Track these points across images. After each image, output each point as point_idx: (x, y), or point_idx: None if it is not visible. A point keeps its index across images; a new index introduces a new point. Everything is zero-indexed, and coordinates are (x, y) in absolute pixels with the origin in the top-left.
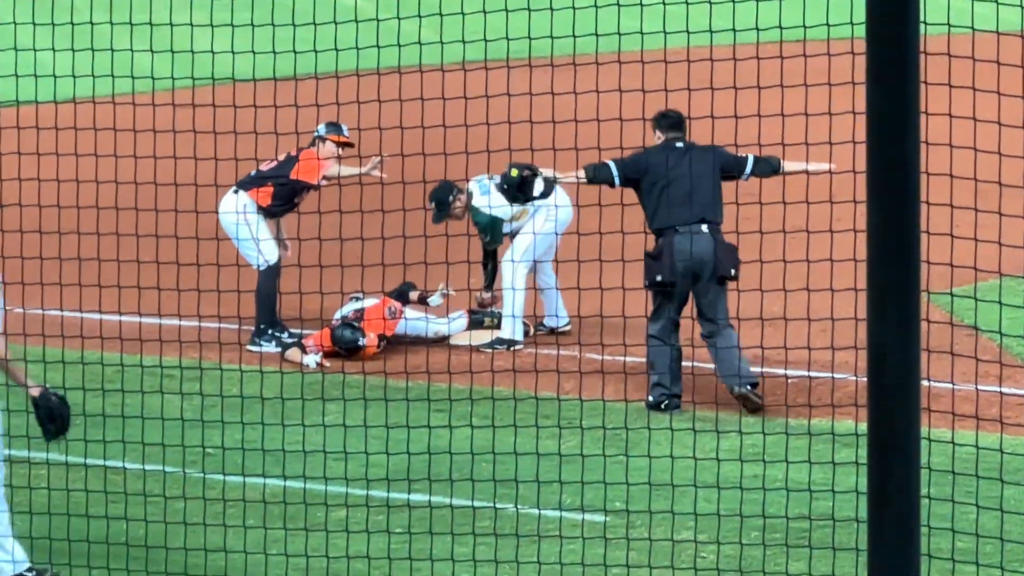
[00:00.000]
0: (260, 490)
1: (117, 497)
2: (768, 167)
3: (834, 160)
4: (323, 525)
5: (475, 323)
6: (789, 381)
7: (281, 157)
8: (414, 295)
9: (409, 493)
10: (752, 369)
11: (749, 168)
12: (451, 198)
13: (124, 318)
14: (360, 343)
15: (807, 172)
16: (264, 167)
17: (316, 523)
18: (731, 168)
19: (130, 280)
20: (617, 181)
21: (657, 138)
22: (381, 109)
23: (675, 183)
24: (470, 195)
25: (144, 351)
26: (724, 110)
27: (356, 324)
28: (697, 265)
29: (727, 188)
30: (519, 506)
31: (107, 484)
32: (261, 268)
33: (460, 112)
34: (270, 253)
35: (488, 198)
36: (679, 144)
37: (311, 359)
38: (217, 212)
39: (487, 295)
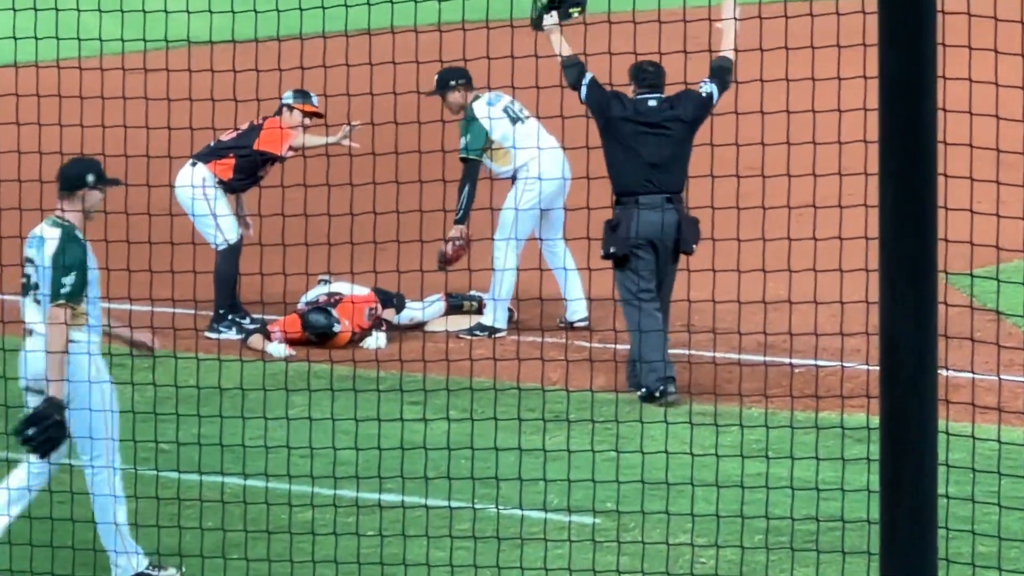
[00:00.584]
0: (218, 489)
1: (63, 497)
2: (728, 75)
3: (844, 129)
4: (287, 527)
5: (453, 308)
6: (795, 370)
7: (243, 126)
8: (389, 313)
9: (380, 493)
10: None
11: (716, 98)
12: (454, 83)
13: None
14: (335, 329)
15: (736, 29)
16: (224, 137)
17: (279, 525)
18: (704, 111)
19: None
20: (582, 97)
21: (633, 92)
22: (349, 74)
23: (640, 147)
24: (476, 98)
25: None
26: None
27: (330, 309)
28: (656, 238)
29: (726, 161)
30: (500, 507)
31: (52, 483)
32: (220, 247)
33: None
34: (229, 231)
35: (488, 110)
36: (652, 102)
37: (275, 347)
38: (172, 186)
39: (461, 227)
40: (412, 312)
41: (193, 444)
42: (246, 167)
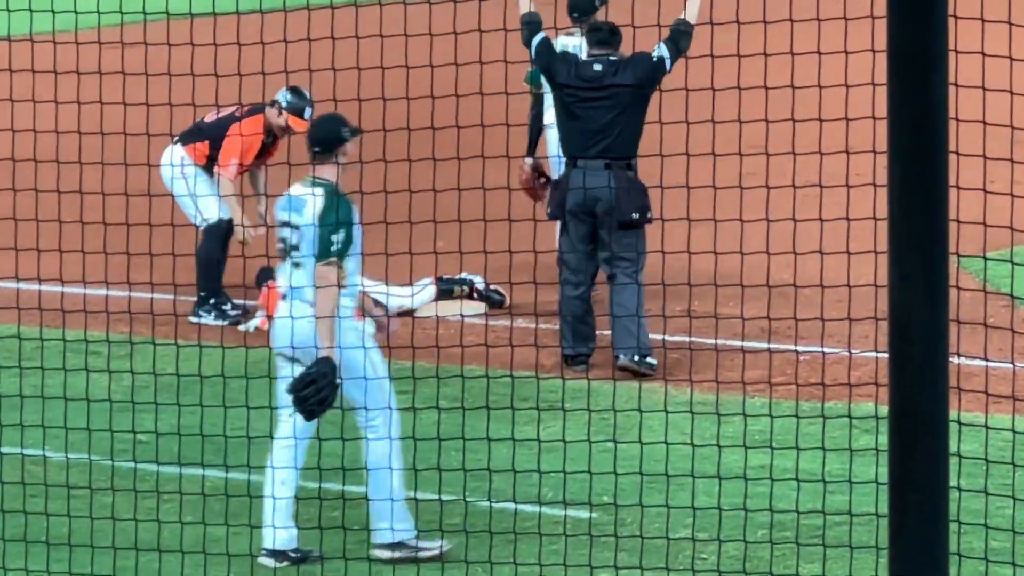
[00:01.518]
0: (199, 482)
1: (36, 490)
2: (684, 39)
3: (851, 105)
4: None
5: (443, 293)
6: (800, 358)
7: (229, 108)
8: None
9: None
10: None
11: (669, 63)
12: (588, 11)
13: (43, 287)
14: None
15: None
16: (207, 118)
17: (262, 520)
18: (654, 76)
19: (51, 243)
20: (532, 53)
21: (586, 52)
22: (335, 48)
23: (582, 112)
24: (569, 34)
25: (67, 324)
26: (725, 49)
27: None
28: (591, 205)
29: (729, 139)
30: (493, 500)
31: (25, 475)
32: (202, 227)
33: (425, 51)
34: (208, 211)
35: (567, 42)
36: (597, 67)
37: (252, 323)
38: (151, 165)
39: (528, 160)
40: (401, 300)
41: (172, 434)
42: (217, 156)
